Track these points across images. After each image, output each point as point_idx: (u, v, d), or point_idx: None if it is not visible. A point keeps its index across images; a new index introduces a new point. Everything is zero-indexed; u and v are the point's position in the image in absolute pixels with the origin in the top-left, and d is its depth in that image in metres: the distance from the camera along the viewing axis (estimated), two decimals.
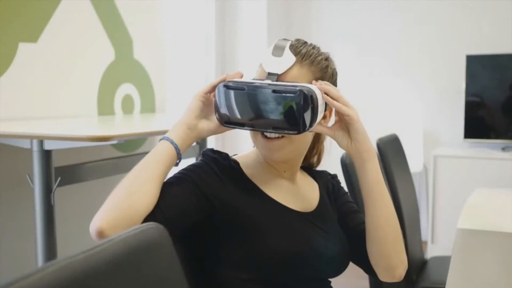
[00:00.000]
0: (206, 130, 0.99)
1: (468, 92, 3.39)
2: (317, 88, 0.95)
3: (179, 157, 0.96)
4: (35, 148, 1.48)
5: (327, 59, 1.05)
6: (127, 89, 2.36)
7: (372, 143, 1.01)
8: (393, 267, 1.02)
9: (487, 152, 3.28)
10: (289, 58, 0.98)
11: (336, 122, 1.01)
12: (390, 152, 1.94)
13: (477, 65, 3.37)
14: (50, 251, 1.50)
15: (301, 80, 0.98)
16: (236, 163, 1.06)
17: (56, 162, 1.54)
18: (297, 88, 0.91)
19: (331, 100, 0.96)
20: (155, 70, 2.53)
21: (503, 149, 3.36)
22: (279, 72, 0.97)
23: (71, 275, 0.55)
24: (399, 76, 3.75)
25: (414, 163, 3.39)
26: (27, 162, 1.53)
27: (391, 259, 1.02)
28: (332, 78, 1.05)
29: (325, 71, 1.03)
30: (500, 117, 3.41)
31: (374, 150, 1.02)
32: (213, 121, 1.00)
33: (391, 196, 1.84)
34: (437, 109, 3.68)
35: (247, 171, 1.05)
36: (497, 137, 3.41)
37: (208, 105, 1.00)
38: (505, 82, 3.36)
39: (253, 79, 1.01)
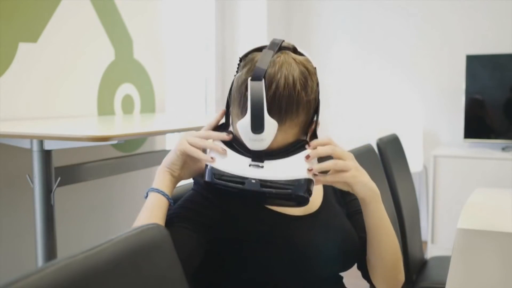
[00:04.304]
0: (187, 175, 1.01)
1: (468, 92, 3.39)
2: (307, 165, 0.90)
3: (170, 203, 0.96)
4: (35, 148, 1.48)
5: (305, 78, 0.91)
6: (127, 89, 2.35)
7: (373, 183, 0.98)
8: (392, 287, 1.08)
9: (487, 152, 3.28)
10: (270, 132, 0.88)
11: (331, 172, 0.96)
12: (390, 152, 1.94)
13: (477, 65, 3.37)
14: (50, 251, 1.50)
15: (290, 137, 0.92)
16: None
17: (56, 162, 1.54)
18: (289, 191, 0.89)
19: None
20: (155, 70, 2.53)
21: (503, 149, 3.36)
22: (263, 149, 0.90)
23: (71, 275, 0.55)
24: (399, 76, 3.75)
25: (414, 163, 3.39)
26: (27, 162, 1.53)
27: (390, 281, 1.07)
28: (315, 100, 0.94)
29: (308, 100, 0.91)
30: (500, 117, 3.41)
31: (377, 190, 0.98)
32: (196, 166, 0.99)
33: (391, 196, 1.85)
34: (437, 109, 3.68)
35: None
36: (497, 137, 3.40)
37: (192, 159, 0.99)
38: (505, 82, 3.36)
39: (236, 138, 0.94)
